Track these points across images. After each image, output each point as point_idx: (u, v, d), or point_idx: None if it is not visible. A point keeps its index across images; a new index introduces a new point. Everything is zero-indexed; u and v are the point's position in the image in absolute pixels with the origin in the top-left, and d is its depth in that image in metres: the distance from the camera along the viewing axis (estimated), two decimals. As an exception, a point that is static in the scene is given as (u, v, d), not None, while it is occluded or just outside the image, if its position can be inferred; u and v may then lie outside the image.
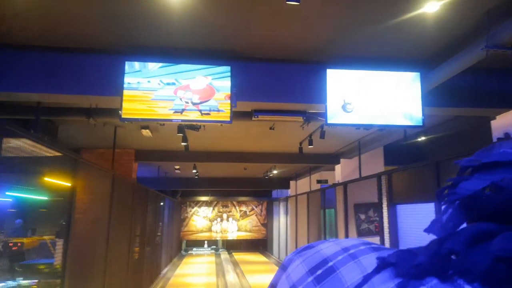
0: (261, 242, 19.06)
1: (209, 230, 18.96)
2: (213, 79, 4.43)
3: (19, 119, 5.23)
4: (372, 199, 5.83)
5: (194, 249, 18.67)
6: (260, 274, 11.98)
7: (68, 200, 3.76)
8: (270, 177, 13.72)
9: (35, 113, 4.99)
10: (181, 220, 18.56)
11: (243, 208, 19.33)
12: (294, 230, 11.58)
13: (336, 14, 3.79)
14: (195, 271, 12.65)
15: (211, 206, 19.16)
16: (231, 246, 19.07)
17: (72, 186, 3.78)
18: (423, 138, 7.38)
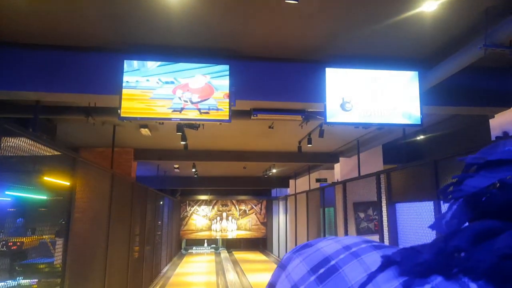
0: (261, 241, 19.08)
1: (209, 229, 18.98)
2: (212, 78, 4.44)
3: (18, 118, 5.23)
4: (371, 198, 5.84)
5: (194, 248, 18.69)
6: (260, 273, 11.99)
7: (68, 199, 3.76)
8: (270, 176, 13.73)
9: (34, 112, 4.99)
10: (181, 219, 18.57)
11: (243, 207, 19.34)
12: (294, 229, 11.58)
13: (335, 13, 3.79)
14: (195, 270, 12.66)
15: (211, 205, 19.17)
16: (231, 245, 19.08)
17: (72, 185, 3.79)
18: (422, 137, 7.39)
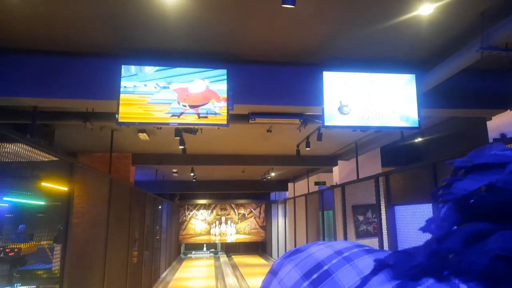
0: (260, 245, 19.04)
1: (208, 233, 18.92)
2: (210, 82, 4.44)
3: (15, 124, 5.22)
4: (370, 201, 5.84)
5: (193, 252, 18.62)
6: (260, 277, 11.94)
7: (66, 205, 3.75)
8: (268, 180, 13.71)
9: (31, 118, 4.98)
10: (180, 224, 18.51)
11: (242, 211, 19.29)
12: (293, 232, 11.57)
13: (332, 17, 3.80)
14: (195, 275, 12.61)
15: (210, 209, 19.12)
16: (230, 249, 19.03)
17: (69, 191, 3.77)
18: (420, 139, 7.41)
